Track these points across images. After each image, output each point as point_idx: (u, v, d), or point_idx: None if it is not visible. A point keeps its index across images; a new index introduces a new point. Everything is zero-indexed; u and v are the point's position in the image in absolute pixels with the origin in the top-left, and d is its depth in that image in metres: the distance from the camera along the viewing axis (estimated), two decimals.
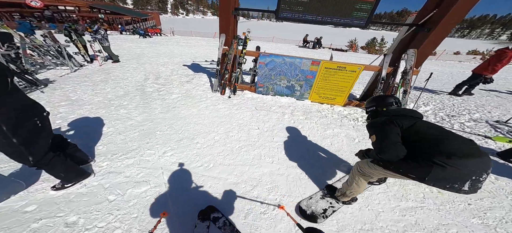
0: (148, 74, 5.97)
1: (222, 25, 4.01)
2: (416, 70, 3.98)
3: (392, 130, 1.32)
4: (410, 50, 3.77)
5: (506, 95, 5.82)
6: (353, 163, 2.60)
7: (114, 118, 3.34)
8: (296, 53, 14.09)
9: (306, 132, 3.22)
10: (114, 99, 4.06)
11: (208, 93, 4.41)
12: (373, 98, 1.73)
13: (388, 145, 1.31)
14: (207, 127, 3.21)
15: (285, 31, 54.37)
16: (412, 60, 3.80)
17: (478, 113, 4.30)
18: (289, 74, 4.34)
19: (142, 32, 16.84)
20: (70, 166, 1.97)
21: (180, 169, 2.36)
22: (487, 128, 3.66)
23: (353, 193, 1.78)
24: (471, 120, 3.99)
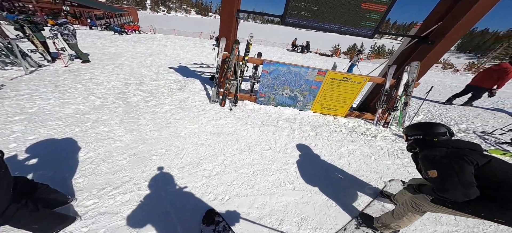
0: (129, 78, 5.34)
1: (223, 28, 3.72)
2: (417, 83, 4.14)
3: (464, 168, 1.20)
4: (413, 62, 3.88)
5: (477, 107, 6.40)
6: (375, 184, 2.53)
7: (93, 139, 2.79)
8: (285, 57, 14.23)
9: (320, 151, 3.08)
10: (89, 111, 3.45)
11: (206, 105, 4.04)
12: (419, 125, 1.60)
13: (456, 184, 1.19)
14: (213, 148, 2.87)
15: (272, 34, 55.09)
16: (414, 72, 3.92)
17: (464, 123, 4.61)
18: (293, 84, 4.20)
19: (118, 29, 15.46)
20: (43, 214, 1.52)
21: (189, 203, 2.01)
22: (477, 140, 3.92)
23: (399, 226, 1.70)
24: (460, 131, 4.26)
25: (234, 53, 3.86)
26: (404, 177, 2.69)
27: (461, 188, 1.17)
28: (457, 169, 1.20)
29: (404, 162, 2.96)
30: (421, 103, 4.81)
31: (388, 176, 2.67)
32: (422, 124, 1.59)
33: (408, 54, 4.10)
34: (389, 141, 3.53)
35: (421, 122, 1.68)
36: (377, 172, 2.73)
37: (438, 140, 1.44)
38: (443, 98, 6.64)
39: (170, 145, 2.84)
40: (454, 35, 3.45)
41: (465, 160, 1.21)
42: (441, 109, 5.57)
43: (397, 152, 3.19)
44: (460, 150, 1.29)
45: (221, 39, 3.79)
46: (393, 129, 4.19)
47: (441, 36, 3.49)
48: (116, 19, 27.74)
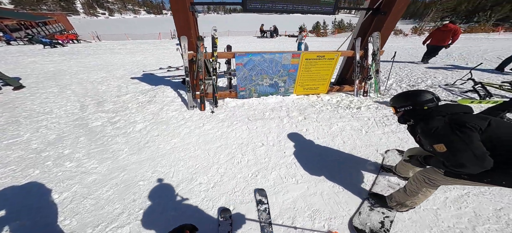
0: (84, 99, 4.70)
1: (181, 26, 3.39)
2: (381, 51, 4.42)
3: (472, 138, 1.14)
4: (374, 33, 4.14)
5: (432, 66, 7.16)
6: (373, 158, 2.61)
7: (62, 178, 2.43)
8: (256, 45, 14.02)
9: (313, 134, 3.09)
10: (44, 148, 2.97)
11: (185, 113, 3.74)
12: (405, 95, 1.56)
13: (470, 158, 1.13)
14: (203, 159, 2.68)
15: (237, 23, 53.58)
16: (377, 42, 4.21)
17: (429, 79, 5.11)
18: (270, 72, 4.14)
19: (47, 41, 13.16)
20: None
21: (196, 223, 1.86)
22: (445, 93, 4.36)
23: (415, 203, 1.70)
24: (428, 87, 4.70)
25: (200, 51, 3.59)
26: (397, 145, 2.82)
27: (476, 161, 1.12)
28: (467, 141, 1.15)
29: (392, 129, 3.13)
30: (390, 67, 5.17)
31: (382, 147, 2.78)
32: (407, 94, 1.57)
33: (368, 26, 4.33)
34: (373, 110, 3.70)
35: (406, 91, 1.61)
36: (371, 145, 2.83)
37: (428, 107, 1.43)
38: (404, 59, 7.47)
39: (155, 166, 2.58)
40: (400, 5, 3.71)
41: (469, 127, 1.17)
42: (406, 70, 6.08)
43: (383, 120, 3.36)
44: (457, 116, 1.27)
45: (181, 38, 3.47)
46: (372, 97, 4.43)
47: (390, 6, 3.73)
48: (41, 29, 23.53)
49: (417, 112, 1.47)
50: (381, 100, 4.22)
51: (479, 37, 14.94)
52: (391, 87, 4.92)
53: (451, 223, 1.79)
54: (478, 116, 1.26)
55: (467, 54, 7.74)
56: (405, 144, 2.81)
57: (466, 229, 1.75)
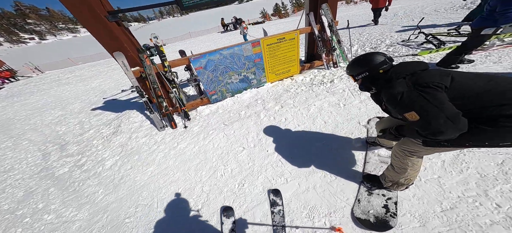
0: (44, 147, 4.24)
1: (106, 42, 3.04)
2: (336, 21, 4.45)
3: (439, 98, 1.05)
4: (323, 5, 4.16)
5: (368, 26, 7.86)
6: (357, 132, 2.60)
7: (46, 231, 2.32)
8: (223, 40, 13.55)
9: (292, 122, 3.05)
10: (16, 207, 2.74)
11: (156, 136, 3.49)
12: (357, 61, 1.46)
13: (445, 122, 1.02)
14: (185, 180, 2.53)
15: (196, 23, 51.01)
16: (329, 13, 4.22)
17: (387, 39, 5.39)
18: (236, 67, 4.00)
19: None
20: None
21: None
22: (404, 49, 4.56)
23: (410, 178, 1.58)
24: (388, 46, 4.89)
25: (146, 64, 3.30)
26: (377, 111, 2.83)
27: (452, 125, 1.02)
28: (437, 103, 1.05)
29: (367, 95, 3.16)
30: (348, 35, 5.31)
31: (363, 118, 2.79)
32: (359, 59, 1.46)
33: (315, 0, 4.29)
34: (346, 80, 3.74)
35: (357, 57, 1.48)
36: (352, 117, 2.84)
37: (384, 71, 1.35)
38: (360, 25, 8.10)
39: (137, 201, 2.42)
40: None
41: (433, 87, 1.09)
42: (365, 35, 6.31)
43: (356, 88, 3.41)
44: (418, 76, 1.18)
45: (115, 56, 3.12)
46: (343, 66, 4.48)
47: None
48: None
49: (375, 77, 1.39)
50: None
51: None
52: (357, 53, 5.02)
53: (460, 192, 1.70)
54: (439, 72, 1.16)
55: (410, 12, 8.55)
56: None
57: (479, 196, 1.63)
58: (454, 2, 8.39)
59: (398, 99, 1.18)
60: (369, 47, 5.21)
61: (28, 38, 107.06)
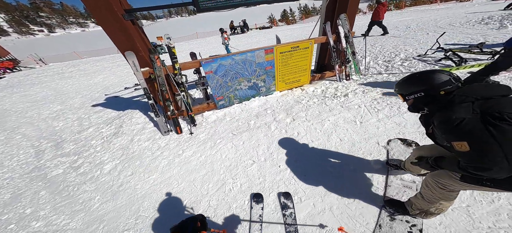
0: (38, 143, 4.07)
1: (120, 40, 2.96)
2: (352, 32, 4.38)
3: (507, 134, 0.90)
4: (341, 15, 4.09)
5: (381, 36, 7.84)
6: (376, 153, 2.45)
7: None
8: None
9: (305, 137, 2.91)
10: (1, 211, 2.54)
11: (160, 140, 3.34)
12: (412, 79, 1.29)
13: (500, 160, 0.91)
14: (190, 192, 2.37)
15: (204, 24, 51.41)
16: (346, 24, 4.15)
17: (402, 53, 5.26)
18: (246, 73, 3.89)
19: None
20: None
21: None
22: (421, 64, 4.43)
23: (441, 209, 1.48)
24: (402, 60, 4.77)
25: (157, 65, 3.18)
26: (397, 132, 2.69)
27: (507, 165, 0.90)
28: (499, 139, 0.89)
29: (386, 113, 3.04)
30: (364, 47, 5.21)
31: (383, 138, 2.65)
32: (415, 77, 1.27)
33: (333, 8, 4.25)
34: (361, 95, 3.63)
35: (413, 74, 1.31)
36: (370, 136, 2.70)
37: (447, 92, 1.14)
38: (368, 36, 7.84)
39: (137, 211, 2.25)
40: None
41: (508, 120, 0.89)
42: (377, 46, 6.22)
43: (373, 105, 3.28)
44: (494, 103, 0.96)
45: (126, 55, 3.03)
46: (355, 79, 4.38)
47: None
48: None
49: (433, 98, 1.20)
50: (365, 81, 4.19)
51: (424, 8, 16.34)
52: (369, 65, 4.92)
53: (490, 223, 1.60)
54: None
55: (423, 25, 8.33)
56: (404, 129, 2.72)
57: (511, 228, 1.55)
58: (470, 17, 8.29)
59: (453, 125, 1.02)
60: (382, 60, 5.11)
61: (37, 30, 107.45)
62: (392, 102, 3.25)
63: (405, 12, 15.98)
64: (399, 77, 4.02)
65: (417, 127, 2.71)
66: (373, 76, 4.34)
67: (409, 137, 2.59)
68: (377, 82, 4.04)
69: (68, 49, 23.21)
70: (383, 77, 4.20)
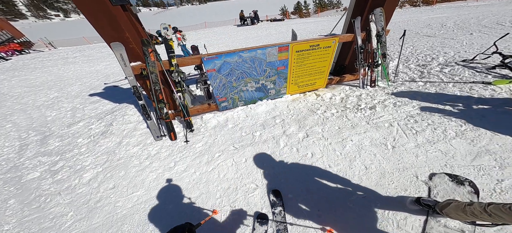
0: (26, 135, 3.79)
1: (105, 31, 2.43)
2: (387, 30, 3.73)
3: None
4: (377, 9, 3.45)
5: (414, 34, 6.75)
6: (414, 190, 1.93)
7: None
8: (238, 34, 12.93)
9: (322, 161, 2.37)
10: None
11: (150, 147, 2.92)
12: None
13: None
14: (178, 217, 1.96)
15: (213, 14, 50.55)
16: (381, 20, 3.52)
17: (441, 56, 4.44)
18: (255, 73, 3.38)
19: None
20: None
21: None
22: (467, 72, 3.61)
23: None
24: (442, 65, 4.04)
25: (150, 60, 2.71)
26: (443, 163, 2.12)
27: None
28: None
29: (428, 136, 2.46)
30: (399, 50, 4.48)
31: (423, 170, 2.10)
32: None
33: (365, 2, 3.60)
34: (391, 108, 3.03)
35: None
36: (406, 168, 2.15)
37: None
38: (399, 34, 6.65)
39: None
40: None
41: None
42: (408, 47, 5.44)
43: (410, 124, 2.69)
44: None
45: (112, 47, 2.53)
46: (382, 86, 3.77)
47: None
48: None
49: None
50: (394, 89, 3.57)
51: (459, 4, 14.76)
52: (399, 69, 4.25)
53: None
54: None
55: (462, 23, 7.13)
56: (452, 161, 2.13)
57: None
58: None
59: None
60: (415, 63, 4.40)
61: (54, 14, 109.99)
62: (435, 121, 2.65)
63: (436, 8, 14.37)
64: (439, 88, 3.35)
65: (471, 159, 2.10)
66: (404, 84, 3.69)
67: (460, 172, 2.00)
68: (411, 91, 3.40)
69: (79, 34, 23.35)
70: (417, 85, 3.54)
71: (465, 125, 2.52)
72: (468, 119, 2.59)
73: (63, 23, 78.31)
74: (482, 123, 2.46)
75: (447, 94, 3.14)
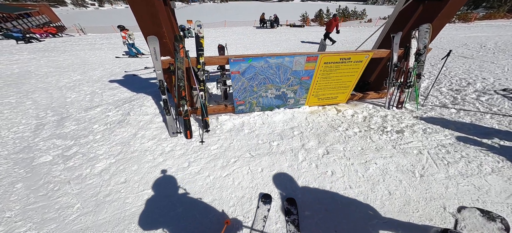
0: (44, 114, 3.82)
1: (145, 22, 2.40)
2: (429, 48, 3.46)
3: None
4: (423, 25, 3.18)
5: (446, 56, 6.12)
6: (440, 221, 1.75)
7: None
8: (256, 36, 12.89)
9: (342, 180, 2.18)
10: None
11: (164, 142, 2.82)
12: None
13: None
14: (187, 221, 1.83)
15: (235, 13, 51.23)
16: (426, 37, 3.25)
17: (478, 82, 4.03)
18: (278, 80, 3.23)
19: (20, 35, 11.63)
20: None
21: None
22: (507, 103, 3.28)
23: None
24: (481, 93, 3.64)
25: (179, 56, 2.62)
26: (475, 198, 1.93)
27: None
28: None
29: (460, 169, 2.23)
30: (433, 71, 4.17)
31: (452, 202, 1.91)
32: None
33: (408, 16, 3.39)
34: (421, 135, 2.79)
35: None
36: (433, 198, 1.95)
37: None
38: (432, 53, 6.23)
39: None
40: None
41: None
42: (442, 69, 5.03)
43: (441, 153, 2.45)
44: None
45: (148, 40, 2.49)
46: (409, 109, 3.51)
47: None
48: (23, 21, 20.17)
49: None
50: (424, 114, 3.30)
51: (500, 24, 13.81)
52: (428, 92, 3.95)
53: None
54: None
55: (505, 45, 6.51)
56: (485, 197, 1.93)
57: None
58: None
59: None
60: (447, 87, 4.05)
61: (90, 3, 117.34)
62: (469, 154, 2.40)
63: (474, 26, 13.32)
64: (475, 118, 3.06)
65: (505, 197, 1.92)
66: (434, 109, 3.41)
67: (493, 208, 1.82)
68: (442, 118, 3.13)
69: (109, 23, 24.23)
70: (450, 112, 3.26)
71: (503, 162, 2.29)
72: (507, 156, 2.35)
73: (96, 11, 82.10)
74: None
75: (484, 126, 2.85)
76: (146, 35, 2.50)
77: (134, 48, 8.76)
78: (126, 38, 8.54)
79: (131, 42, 8.65)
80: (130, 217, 1.94)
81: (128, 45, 8.63)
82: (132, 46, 8.69)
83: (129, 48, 8.67)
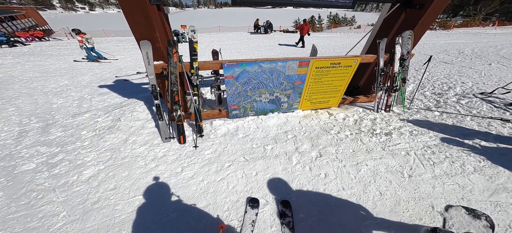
0: (27, 121, 3.64)
1: (138, 26, 2.35)
2: (412, 54, 3.62)
3: None
4: (406, 32, 3.32)
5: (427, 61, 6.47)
6: (428, 220, 1.81)
7: None
8: (250, 42, 13.00)
9: (336, 183, 2.19)
10: None
11: (157, 148, 2.75)
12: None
13: None
14: (179, 227, 1.78)
15: (230, 18, 51.58)
16: (408, 43, 3.40)
17: (458, 86, 4.28)
18: (271, 85, 3.26)
19: (4, 39, 11.15)
20: None
21: None
22: (485, 106, 3.48)
23: None
24: (459, 96, 3.85)
25: (173, 60, 2.60)
26: (460, 196, 2.01)
27: None
28: None
29: (445, 169, 2.31)
30: (417, 75, 4.35)
31: (439, 201, 1.97)
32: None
33: (393, 22, 3.52)
34: (407, 136, 2.88)
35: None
36: (421, 197, 2.01)
37: None
38: (416, 59, 6.52)
39: None
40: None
41: None
42: (425, 74, 5.29)
43: (427, 154, 2.53)
44: None
45: (141, 45, 2.46)
46: (396, 112, 3.63)
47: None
48: (6, 24, 19.17)
49: None
50: (410, 117, 3.42)
51: (476, 31, 14.72)
52: (413, 95, 4.10)
53: None
54: None
55: (480, 51, 6.91)
56: (469, 195, 2.00)
57: None
58: None
59: None
60: (431, 91, 4.24)
61: (80, 7, 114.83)
62: (453, 155, 2.49)
63: (453, 33, 14.14)
64: (456, 120, 3.21)
65: (488, 195, 2.00)
66: (420, 112, 3.55)
67: (477, 206, 1.90)
68: (427, 121, 3.25)
69: (100, 27, 23.60)
70: (433, 115, 3.40)
71: (484, 161, 2.40)
72: (487, 156, 2.46)
73: (87, 15, 79.81)
74: (501, 162, 2.36)
75: (465, 127, 2.99)
76: (138, 40, 2.45)
77: (95, 52, 8.54)
78: (83, 42, 8.25)
79: (90, 47, 8.38)
80: (120, 224, 1.86)
81: (86, 49, 8.36)
82: (91, 50, 8.43)
83: (88, 52, 8.42)
